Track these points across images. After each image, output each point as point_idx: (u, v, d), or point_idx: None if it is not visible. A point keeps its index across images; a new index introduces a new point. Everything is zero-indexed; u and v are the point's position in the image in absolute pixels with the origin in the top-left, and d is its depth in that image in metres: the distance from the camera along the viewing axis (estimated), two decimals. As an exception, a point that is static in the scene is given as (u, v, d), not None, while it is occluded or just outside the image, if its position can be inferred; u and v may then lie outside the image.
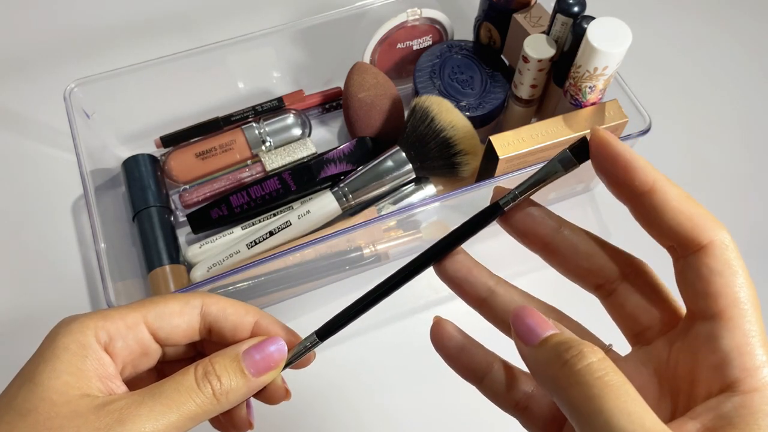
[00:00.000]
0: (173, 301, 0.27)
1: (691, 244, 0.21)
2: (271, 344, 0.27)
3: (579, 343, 0.20)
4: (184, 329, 0.27)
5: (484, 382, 0.27)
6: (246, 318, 0.28)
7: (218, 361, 0.25)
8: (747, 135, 0.62)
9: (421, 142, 0.49)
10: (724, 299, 0.20)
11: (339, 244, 0.50)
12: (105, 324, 0.25)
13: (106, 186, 0.56)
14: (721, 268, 0.21)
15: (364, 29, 0.55)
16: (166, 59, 0.51)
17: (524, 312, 0.23)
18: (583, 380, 0.19)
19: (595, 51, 0.42)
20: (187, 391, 0.24)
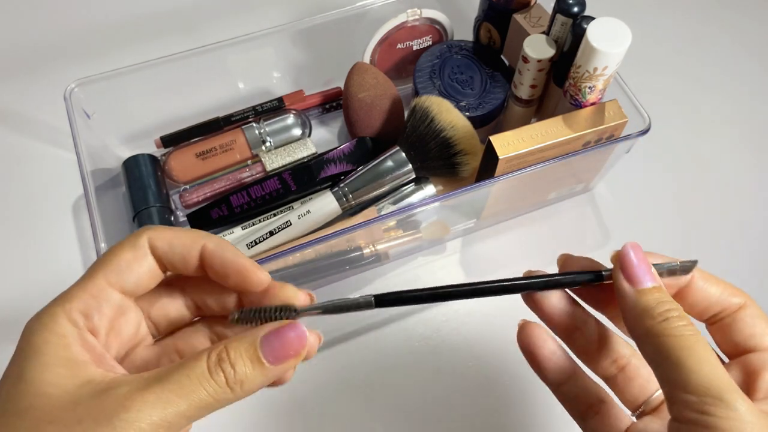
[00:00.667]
0: (124, 250, 0.25)
1: (732, 307, 0.27)
2: (291, 330, 0.25)
3: (679, 306, 0.25)
4: (146, 272, 0.25)
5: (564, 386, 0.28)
6: (193, 246, 0.26)
7: (234, 347, 0.24)
8: (747, 134, 0.62)
9: (421, 142, 0.49)
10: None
11: (339, 244, 0.50)
12: (72, 305, 0.23)
13: (107, 186, 0.56)
14: (761, 317, 0.27)
15: (364, 29, 0.55)
16: (166, 59, 0.51)
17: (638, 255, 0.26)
18: (678, 334, 0.23)
19: (594, 51, 0.42)
20: (198, 378, 0.22)
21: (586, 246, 0.56)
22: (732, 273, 0.54)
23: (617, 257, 0.26)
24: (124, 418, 0.21)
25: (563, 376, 0.28)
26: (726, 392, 0.22)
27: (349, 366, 0.50)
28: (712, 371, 0.22)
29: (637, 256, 0.26)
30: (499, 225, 0.57)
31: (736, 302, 0.27)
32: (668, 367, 0.23)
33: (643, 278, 0.25)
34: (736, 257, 0.55)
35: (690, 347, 0.23)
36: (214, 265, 0.26)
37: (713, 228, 0.57)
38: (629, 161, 0.55)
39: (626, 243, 0.26)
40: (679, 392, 0.22)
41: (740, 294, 0.27)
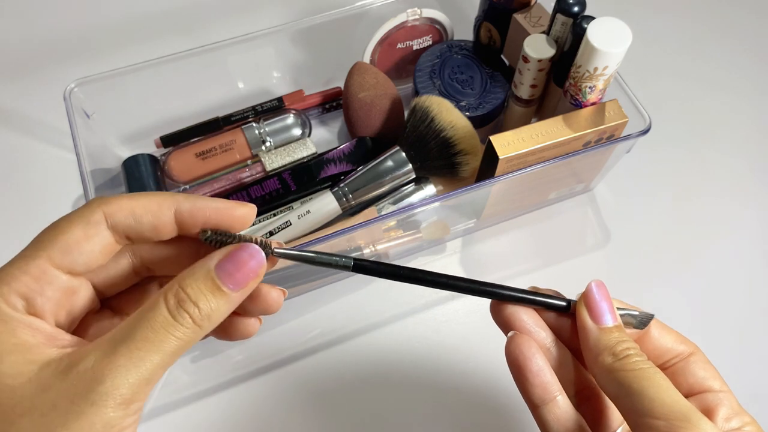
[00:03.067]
0: (72, 227, 0.22)
1: (683, 354, 0.29)
2: (243, 252, 0.23)
3: (636, 345, 0.26)
4: (98, 251, 0.23)
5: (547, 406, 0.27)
6: (162, 212, 0.23)
7: (190, 284, 0.22)
8: (747, 134, 0.62)
9: (421, 142, 0.48)
10: (720, 380, 0.28)
11: (339, 244, 0.50)
12: (10, 288, 0.21)
13: (106, 186, 0.56)
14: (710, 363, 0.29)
15: (364, 29, 0.55)
16: (166, 59, 0.51)
17: (602, 293, 0.28)
18: (638, 368, 0.25)
19: (595, 51, 0.42)
20: (163, 327, 0.21)
21: (586, 246, 0.56)
22: (732, 273, 0.55)
23: (584, 294, 0.28)
24: (100, 390, 0.20)
25: (547, 395, 0.27)
26: (690, 413, 0.23)
27: (349, 366, 0.50)
28: (674, 396, 0.24)
29: (601, 295, 0.27)
30: (500, 225, 0.57)
31: (686, 350, 0.29)
32: (631, 397, 0.24)
33: (605, 317, 0.27)
34: (736, 257, 0.55)
35: (650, 378, 0.25)
36: (195, 224, 0.24)
37: (713, 228, 0.57)
38: (629, 161, 0.55)
39: (591, 281, 0.28)
40: (645, 419, 0.23)
41: (689, 343, 0.29)
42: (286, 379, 0.49)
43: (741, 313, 0.53)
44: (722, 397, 0.27)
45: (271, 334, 0.51)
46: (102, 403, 0.20)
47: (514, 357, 0.27)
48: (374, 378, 0.50)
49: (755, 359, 0.51)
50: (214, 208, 0.24)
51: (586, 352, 0.27)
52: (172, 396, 0.48)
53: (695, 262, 0.55)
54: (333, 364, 0.50)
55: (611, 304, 0.27)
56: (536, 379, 0.27)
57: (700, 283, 0.54)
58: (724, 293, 0.54)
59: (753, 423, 0.26)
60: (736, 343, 0.51)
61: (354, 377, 0.50)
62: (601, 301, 0.27)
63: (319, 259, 0.25)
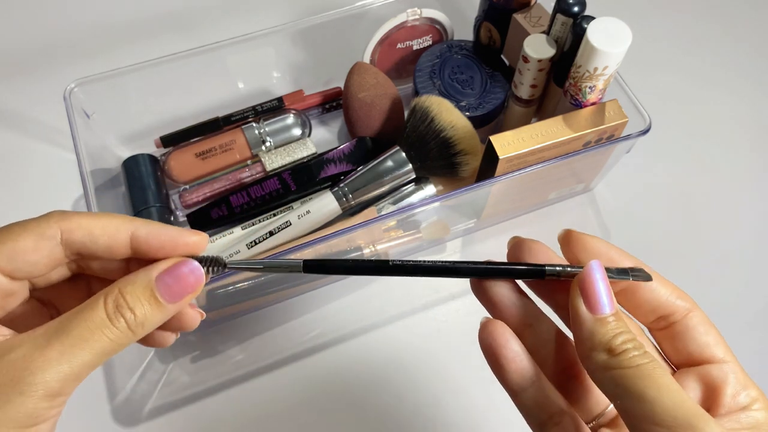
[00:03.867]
0: (24, 237, 0.23)
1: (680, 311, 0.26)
2: (184, 267, 0.24)
3: (633, 335, 0.24)
4: (45, 263, 0.24)
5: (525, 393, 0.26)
6: (119, 235, 0.24)
7: (129, 291, 0.23)
8: (747, 134, 0.62)
9: (421, 142, 0.48)
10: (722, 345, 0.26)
11: (339, 244, 0.50)
12: None
13: (106, 186, 0.56)
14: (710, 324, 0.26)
15: (364, 29, 0.55)
16: (166, 59, 0.51)
17: (599, 275, 0.25)
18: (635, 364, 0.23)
19: (595, 51, 0.42)
20: (98, 327, 0.22)
21: (586, 246, 0.56)
22: (732, 273, 0.55)
23: (579, 278, 0.25)
24: (30, 381, 0.20)
25: (525, 381, 0.26)
26: (694, 419, 0.21)
27: (349, 366, 0.50)
28: (676, 399, 0.22)
29: (599, 277, 0.25)
30: (500, 225, 0.57)
31: (683, 306, 0.26)
32: (629, 399, 0.22)
33: (602, 305, 0.24)
34: (736, 257, 0.55)
35: (649, 376, 0.22)
36: (150, 249, 0.25)
37: (713, 228, 0.57)
38: (629, 161, 0.55)
39: (589, 263, 0.25)
40: (646, 425, 0.22)
41: (686, 298, 0.26)
42: (286, 378, 0.49)
43: (742, 313, 0.53)
44: (727, 369, 0.25)
45: (271, 334, 0.51)
46: (30, 393, 0.20)
47: (487, 345, 0.26)
48: (374, 378, 0.50)
49: (756, 359, 0.51)
50: (169, 236, 0.25)
51: (578, 344, 0.25)
52: (172, 396, 0.48)
53: (695, 262, 0.55)
54: (333, 364, 0.50)
55: (609, 288, 0.25)
56: (511, 365, 0.26)
57: (701, 282, 0.54)
58: (725, 293, 0.54)
59: (761, 398, 0.24)
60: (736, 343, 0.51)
61: (354, 377, 0.50)
62: (598, 285, 0.24)
63: (270, 265, 0.26)
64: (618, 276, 0.26)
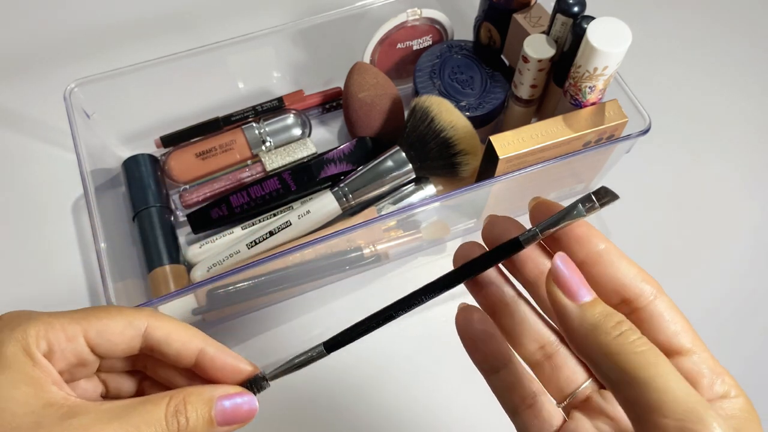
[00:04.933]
0: (117, 320, 0.26)
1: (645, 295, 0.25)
2: (244, 398, 0.27)
3: (622, 315, 0.23)
4: (123, 348, 0.27)
5: (498, 374, 0.27)
6: (191, 346, 0.27)
7: (192, 401, 0.26)
8: (747, 134, 0.62)
9: (421, 142, 0.49)
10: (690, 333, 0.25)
11: (339, 244, 0.50)
12: (47, 333, 0.25)
13: (106, 186, 0.56)
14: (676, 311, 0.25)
15: (364, 29, 0.55)
16: (166, 59, 0.51)
17: (570, 266, 0.24)
18: (639, 350, 0.22)
19: (595, 51, 0.42)
20: (155, 422, 0.24)
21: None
22: (732, 272, 0.55)
23: (551, 273, 0.24)
24: None
25: (498, 363, 0.27)
26: (704, 413, 0.21)
27: (349, 366, 0.50)
28: (684, 389, 0.21)
29: (570, 269, 0.24)
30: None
31: (648, 290, 0.25)
32: (635, 388, 0.21)
33: (581, 292, 0.24)
34: (737, 257, 0.55)
35: (654, 363, 0.21)
36: (212, 366, 0.28)
37: (713, 228, 0.57)
38: (629, 161, 0.55)
39: (555, 257, 0.25)
40: (654, 416, 0.21)
41: (652, 282, 0.25)
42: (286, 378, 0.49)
43: (742, 313, 0.53)
44: (698, 360, 0.24)
45: (271, 334, 0.51)
46: None
47: (462, 328, 0.27)
48: (374, 378, 0.50)
49: (756, 360, 0.51)
50: (231, 364, 0.28)
51: (570, 335, 0.24)
52: (172, 396, 0.48)
53: (696, 262, 0.55)
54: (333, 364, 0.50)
55: (582, 277, 0.24)
56: (485, 347, 0.27)
57: (701, 283, 0.54)
58: (725, 293, 0.54)
59: (734, 383, 0.24)
60: (737, 343, 0.51)
61: (353, 377, 0.50)
62: (571, 275, 0.24)
63: (299, 362, 0.29)
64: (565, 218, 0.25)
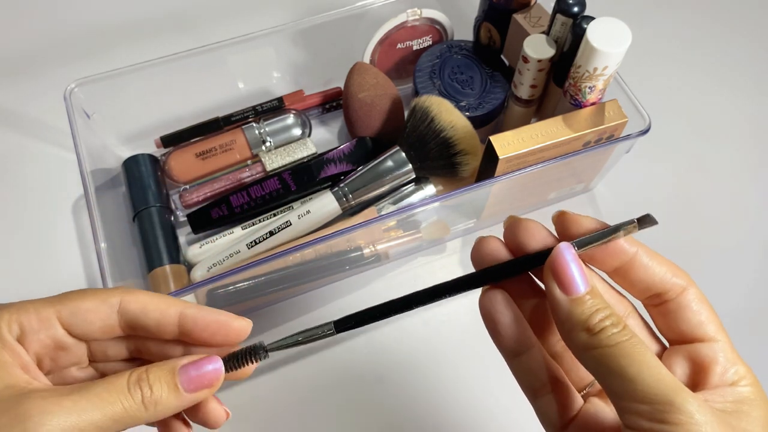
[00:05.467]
0: (89, 299, 0.26)
1: (675, 289, 0.26)
2: (208, 363, 0.26)
3: (611, 309, 0.24)
4: (99, 326, 0.26)
5: (520, 359, 0.27)
6: (169, 312, 0.27)
7: (153, 371, 0.25)
8: (747, 134, 0.62)
9: (421, 142, 0.49)
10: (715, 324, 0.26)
11: (339, 244, 0.50)
12: (19, 317, 0.25)
13: (106, 186, 0.56)
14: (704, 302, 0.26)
15: (364, 29, 0.55)
16: (166, 59, 0.51)
17: (570, 256, 0.25)
18: (614, 342, 0.23)
19: (595, 51, 0.42)
20: (116, 391, 0.24)
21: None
22: (732, 272, 0.55)
23: (549, 262, 0.25)
24: (37, 420, 0.22)
25: (520, 347, 0.27)
26: (673, 394, 0.21)
27: (349, 366, 0.50)
28: (656, 375, 0.22)
29: (569, 258, 0.25)
30: (499, 225, 0.56)
31: (679, 284, 0.26)
32: (611, 378, 0.23)
33: (575, 285, 0.24)
34: (737, 257, 0.55)
35: (628, 354, 0.23)
36: (195, 329, 0.27)
37: (713, 228, 0.57)
38: (629, 161, 0.55)
39: (558, 245, 0.25)
40: (628, 402, 0.22)
41: (683, 275, 0.26)
42: (286, 379, 0.49)
43: (743, 313, 0.53)
44: (716, 348, 0.25)
45: (271, 334, 0.51)
46: (32, 428, 0.22)
47: (486, 310, 0.27)
48: (374, 378, 0.50)
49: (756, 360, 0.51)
50: (215, 320, 0.27)
51: (558, 326, 0.25)
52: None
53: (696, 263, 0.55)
54: (333, 364, 0.50)
55: (581, 266, 0.25)
56: (508, 330, 0.27)
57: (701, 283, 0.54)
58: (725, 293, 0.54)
59: (749, 375, 0.25)
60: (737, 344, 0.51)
61: (354, 377, 0.50)
62: (569, 266, 0.24)
63: (305, 337, 0.28)
64: (604, 237, 0.26)
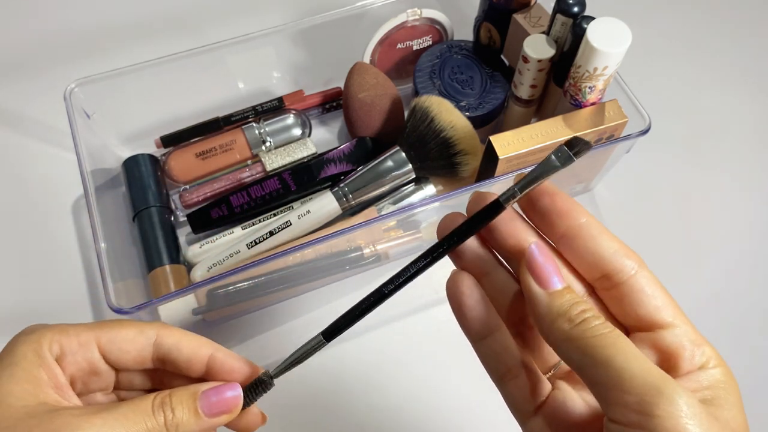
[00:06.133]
0: (128, 329, 0.28)
1: (625, 270, 0.26)
2: (229, 390, 0.28)
3: (590, 304, 0.24)
4: (134, 356, 0.28)
5: (485, 341, 0.27)
6: (200, 351, 0.28)
7: (176, 394, 0.27)
8: (747, 134, 0.62)
9: (421, 142, 0.49)
10: (671, 307, 0.25)
11: (339, 244, 0.50)
12: (60, 338, 0.26)
13: (106, 186, 0.56)
14: (657, 285, 0.26)
15: (364, 29, 0.55)
16: (166, 59, 0.51)
17: (543, 253, 0.25)
18: (598, 333, 0.23)
19: (595, 51, 0.42)
20: (142, 413, 0.25)
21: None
22: (733, 272, 0.55)
23: (525, 259, 0.25)
24: None
25: (485, 329, 0.27)
26: (663, 385, 0.21)
27: (349, 366, 0.50)
28: (643, 366, 0.22)
29: (544, 256, 0.25)
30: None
31: (629, 265, 0.25)
32: (596, 368, 0.22)
33: (553, 280, 0.25)
34: (737, 256, 0.55)
35: (613, 344, 0.22)
36: (222, 371, 0.29)
37: (713, 228, 0.57)
38: (629, 161, 0.55)
39: (531, 243, 0.25)
40: (614, 393, 0.22)
41: (634, 256, 0.26)
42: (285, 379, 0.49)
43: (743, 314, 0.53)
44: (680, 333, 0.25)
45: (272, 334, 0.51)
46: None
47: (452, 292, 0.28)
48: (374, 378, 0.50)
49: (757, 360, 0.51)
50: (240, 367, 0.29)
51: (538, 322, 0.25)
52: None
53: (696, 263, 0.55)
54: (333, 365, 0.50)
55: (556, 264, 0.25)
56: (472, 312, 0.27)
57: (701, 283, 0.54)
58: (726, 294, 0.54)
59: (715, 354, 0.25)
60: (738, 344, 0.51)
61: (354, 377, 0.50)
62: (545, 262, 0.25)
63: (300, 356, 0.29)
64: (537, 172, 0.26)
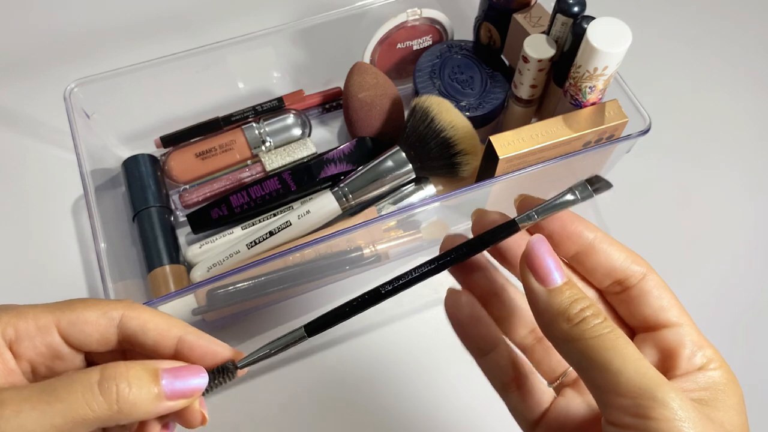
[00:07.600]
0: (91, 310, 0.25)
1: (635, 275, 0.26)
2: (194, 374, 0.25)
3: (591, 300, 0.24)
4: (97, 339, 0.25)
5: (489, 356, 0.28)
6: (169, 334, 0.26)
7: (134, 366, 0.23)
8: (747, 134, 0.62)
9: (421, 142, 0.49)
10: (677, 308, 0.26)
11: (339, 244, 0.50)
12: (16, 321, 0.24)
13: (106, 186, 0.56)
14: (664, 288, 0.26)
15: (364, 29, 0.55)
16: (166, 59, 0.51)
17: (544, 248, 0.25)
18: (597, 334, 0.23)
19: (595, 51, 0.42)
20: (82, 390, 0.21)
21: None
22: (733, 272, 0.55)
23: (524, 254, 0.25)
24: None
25: (487, 345, 0.27)
26: (656, 388, 0.21)
27: (349, 366, 0.50)
28: (639, 368, 0.22)
29: (544, 251, 0.25)
30: (499, 225, 0.56)
31: (639, 270, 0.26)
32: (594, 370, 0.22)
33: (553, 276, 0.24)
34: (737, 257, 0.55)
35: (611, 347, 0.22)
36: (192, 354, 0.26)
37: (713, 227, 0.57)
38: (629, 161, 0.55)
39: (531, 238, 0.25)
40: (611, 396, 0.22)
41: (642, 262, 0.26)
42: (286, 379, 0.49)
43: (743, 314, 0.53)
44: (682, 332, 0.25)
45: (272, 334, 0.51)
46: None
47: (450, 311, 0.28)
48: (374, 378, 0.50)
49: (758, 361, 0.51)
50: (212, 350, 0.26)
51: (538, 318, 0.25)
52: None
53: (696, 263, 0.55)
54: (333, 365, 0.50)
55: (557, 259, 0.25)
56: (473, 330, 0.27)
57: (701, 283, 0.54)
58: (726, 294, 0.54)
59: (717, 357, 0.25)
60: (738, 344, 0.51)
61: (354, 377, 0.50)
62: (545, 258, 0.24)
63: (275, 347, 0.27)
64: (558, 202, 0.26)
